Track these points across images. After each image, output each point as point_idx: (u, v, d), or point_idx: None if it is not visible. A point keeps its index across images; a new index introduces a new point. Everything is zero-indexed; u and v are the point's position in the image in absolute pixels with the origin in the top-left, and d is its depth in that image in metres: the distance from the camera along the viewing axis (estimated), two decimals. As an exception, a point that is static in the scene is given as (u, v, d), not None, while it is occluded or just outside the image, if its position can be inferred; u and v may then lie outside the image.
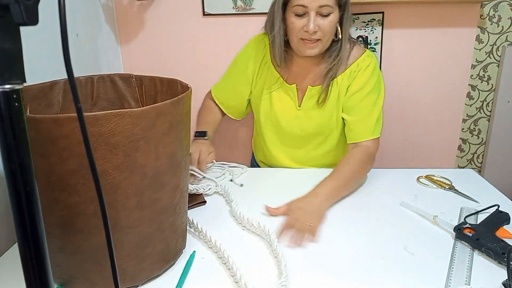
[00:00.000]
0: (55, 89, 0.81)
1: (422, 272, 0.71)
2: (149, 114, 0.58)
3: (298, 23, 1.03)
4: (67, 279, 0.66)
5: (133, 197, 0.61)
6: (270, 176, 1.14)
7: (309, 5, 0.99)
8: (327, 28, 1.02)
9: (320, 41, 1.05)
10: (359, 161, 1.04)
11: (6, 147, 0.34)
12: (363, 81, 1.09)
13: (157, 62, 1.75)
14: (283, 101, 1.17)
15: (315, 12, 1.00)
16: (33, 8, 0.32)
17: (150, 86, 0.87)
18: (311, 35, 1.02)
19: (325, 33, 1.03)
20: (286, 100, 1.17)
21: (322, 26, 1.01)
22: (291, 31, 1.05)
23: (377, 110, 1.10)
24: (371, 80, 1.10)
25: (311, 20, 1.00)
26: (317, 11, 1.00)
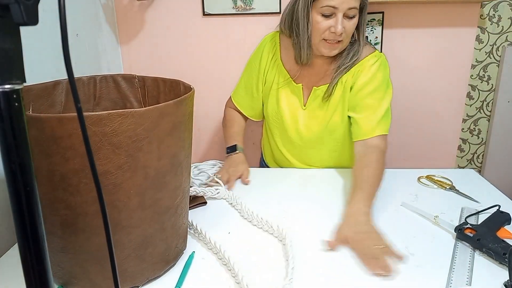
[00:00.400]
0: (58, 89, 0.81)
1: (423, 273, 0.71)
2: (152, 114, 0.58)
3: (324, 23, 1.01)
4: (68, 279, 0.66)
5: (135, 197, 0.61)
6: (273, 176, 1.14)
7: (339, 6, 0.98)
8: (351, 30, 1.03)
9: (341, 42, 1.05)
10: (377, 163, 1.01)
11: (6, 147, 0.33)
12: (367, 79, 1.08)
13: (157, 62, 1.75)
14: (289, 100, 1.17)
15: (342, 14, 0.99)
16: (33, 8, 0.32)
17: (153, 86, 0.87)
18: (336, 37, 1.02)
19: (348, 34, 1.04)
20: (293, 99, 1.17)
21: (347, 27, 1.02)
22: (316, 31, 1.04)
23: (384, 107, 1.08)
24: (376, 77, 1.09)
25: (339, 21, 0.99)
26: (345, 13, 1.00)
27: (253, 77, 1.23)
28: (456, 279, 0.68)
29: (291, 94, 1.17)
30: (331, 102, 1.13)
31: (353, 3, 0.99)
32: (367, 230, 0.82)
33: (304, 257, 0.76)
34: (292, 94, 1.17)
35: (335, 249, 0.79)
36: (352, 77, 1.10)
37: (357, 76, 1.10)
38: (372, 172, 0.98)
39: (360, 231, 0.82)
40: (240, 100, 1.28)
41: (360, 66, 1.10)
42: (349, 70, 1.10)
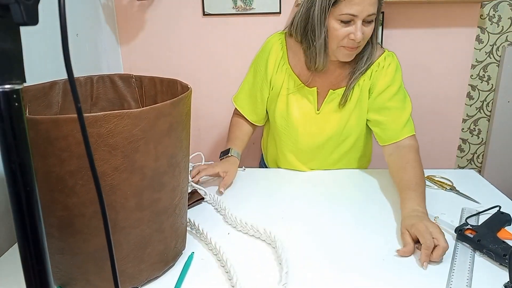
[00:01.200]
0: (54, 90, 0.81)
1: (423, 274, 0.71)
2: (148, 114, 0.58)
3: (343, 30, 0.98)
4: (66, 281, 0.66)
5: (133, 198, 0.61)
6: (269, 177, 1.14)
7: (359, 14, 0.96)
8: (369, 34, 1.01)
9: (359, 47, 1.03)
10: (415, 161, 1.01)
11: (6, 147, 0.33)
12: (388, 79, 1.08)
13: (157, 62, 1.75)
14: (301, 105, 1.13)
15: (361, 20, 0.97)
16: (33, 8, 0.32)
17: (150, 86, 0.87)
18: (355, 43, 1.00)
19: (366, 39, 1.02)
20: (305, 103, 1.13)
21: (366, 33, 1.00)
22: (333, 38, 1.01)
23: (409, 108, 1.09)
24: (397, 77, 1.09)
25: (358, 28, 0.97)
26: (363, 19, 0.97)
27: (258, 82, 1.18)
28: (456, 280, 0.68)
29: (303, 99, 1.13)
30: (347, 106, 1.11)
31: (372, 10, 0.96)
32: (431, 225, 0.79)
33: (299, 261, 0.75)
34: (304, 99, 1.13)
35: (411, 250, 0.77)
36: (369, 79, 1.09)
37: (375, 78, 1.08)
38: (415, 172, 0.98)
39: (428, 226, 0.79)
40: (244, 105, 1.24)
41: (376, 66, 1.08)
42: (364, 73, 1.08)
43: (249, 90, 1.21)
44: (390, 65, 1.08)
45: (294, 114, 1.14)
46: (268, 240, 0.81)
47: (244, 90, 1.23)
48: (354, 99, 1.11)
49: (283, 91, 1.14)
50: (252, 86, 1.20)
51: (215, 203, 0.96)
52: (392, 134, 1.07)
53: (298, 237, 0.82)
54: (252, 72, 1.20)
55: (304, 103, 1.13)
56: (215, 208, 0.95)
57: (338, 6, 0.96)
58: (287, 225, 0.87)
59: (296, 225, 0.87)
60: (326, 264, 0.74)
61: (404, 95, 1.10)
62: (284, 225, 0.87)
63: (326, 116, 1.13)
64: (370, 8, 0.96)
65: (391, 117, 1.08)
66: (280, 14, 1.69)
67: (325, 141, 1.16)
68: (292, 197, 1.00)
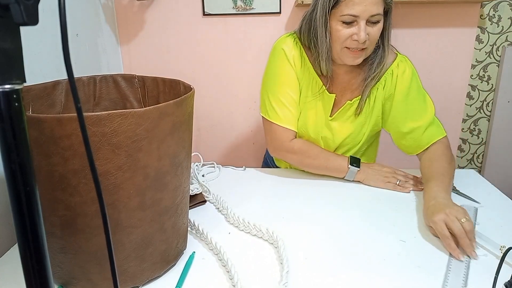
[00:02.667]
0: (57, 89, 0.81)
1: (423, 274, 0.71)
2: (152, 114, 0.58)
3: (345, 31, 0.95)
4: (67, 280, 0.66)
5: (135, 198, 0.61)
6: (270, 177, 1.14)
7: (361, 14, 0.93)
8: (375, 36, 0.97)
9: (365, 50, 0.99)
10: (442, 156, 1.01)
11: (6, 147, 0.33)
12: (406, 87, 1.04)
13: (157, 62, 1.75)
14: (316, 108, 1.10)
15: (365, 21, 0.94)
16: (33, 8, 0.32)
17: (153, 86, 0.87)
18: (360, 44, 0.96)
19: (372, 41, 0.98)
20: (319, 108, 1.10)
21: (371, 34, 0.96)
22: (336, 40, 0.98)
23: (431, 110, 1.06)
24: (413, 84, 1.05)
25: (361, 29, 0.93)
26: (367, 19, 0.94)
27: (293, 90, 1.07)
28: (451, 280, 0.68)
29: (319, 103, 1.09)
30: (360, 115, 1.09)
31: (375, 10, 0.93)
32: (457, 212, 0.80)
33: (299, 261, 0.75)
34: (320, 103, 1.09)
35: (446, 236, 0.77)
36: (382, 89, 1.06)
37: (389, 87, 1.05)
38: (440, 164, 0.98)
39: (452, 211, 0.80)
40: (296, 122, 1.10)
41: (390, 75, 1.05)
42: (378, 80, 1.05)
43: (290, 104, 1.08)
44: (405, 72, 1.05)
45: (308, 117, 1.10)
46: (270, 240, 0.81)
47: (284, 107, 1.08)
48: (367, 108, 1.08)
49: (308, 96, 1.09)
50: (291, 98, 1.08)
51: (217, 203, 0.96)
52: (428, 138, 1.04)
53: (298, 237, 0.82)
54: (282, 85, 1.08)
55: (319, 107, 1.10)
56: (217, 207, 0.95)
57: (339, 7, 0.93)
58: (288, 225, 0.87)
59: (297, 225, 0.87)
60: (327, 264, 0.74)
61: (423, 99, 1.06)
62: (285, 225, 0.87)
63: (339, 124, 1.10)
64: (372, 8, 0.92)
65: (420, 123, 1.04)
66: (280, 14, 1.69)
67: (336, 147, 1.14)
68: (293, 196, 1.00)
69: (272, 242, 0.80)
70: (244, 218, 0.87)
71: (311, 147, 1.09)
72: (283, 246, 0.77)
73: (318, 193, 1.02)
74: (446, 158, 1.00)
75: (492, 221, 0.87)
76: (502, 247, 0.76)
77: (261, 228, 0.82)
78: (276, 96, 1.08)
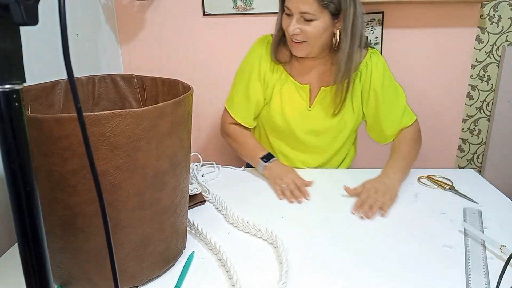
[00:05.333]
0: (56, 89, 0.81)
1: (422, 274, 0.71)
2: (150, 114, 0.58)
3: (284, 22, 1.05)
4: (67, 280, 0.66)
5: (134, 197, 0.61)
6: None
7: (292, 9, 1.01)
8: (310, 33, 1.02)
9: (306, 43, 1.05)
10: (411, 140, 1.13)
11: (6, 147, 0.33)
12: (381, 76, 1.11)
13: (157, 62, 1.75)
14: (293, 101, 1.15)
15: (299, 16, 1.01)
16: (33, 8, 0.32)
17: (152, 86, 0.87)
18: (293, 37, 1.04)
19: (308, 37, 1.03)
20: (297, 99, 1.15)
21: (304, 30, 1.02)
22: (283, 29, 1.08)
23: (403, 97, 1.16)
24: (387, 72, 1.13)
25: (292, 22, 1.02)
26: (301, 15, 1.01)
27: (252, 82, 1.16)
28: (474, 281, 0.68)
29: (296, 95, 1.15)
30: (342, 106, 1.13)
31: (305, 8, 0.98)
32: (383, 190, 0.96)
33: (298, 260, 0.75)
34: (297, 95, 1.15)
35: (353, 195, 0.98)
36: (359, 79, 1.12)
37: (365, 79, 1.11)
38: (408, 149, 1.10)
39: (376, 187, 0.96)
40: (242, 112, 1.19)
41: (365, 67, 1.11)
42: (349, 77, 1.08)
43: (242, 97, 1.17)
44: (378, 64, 1.12)
45: (287, 110, 1.16)
46: (270, 240, 0.81)
47: (236, 99, 1.18)
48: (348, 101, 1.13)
49: (276, 90, 1.16)
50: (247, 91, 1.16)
51: (216, 203, 0.96)
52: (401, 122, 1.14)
53: (297, 237, 0.82)
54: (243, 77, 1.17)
55: (297, 99, 1.15)
56: (216, 207, 0.95)
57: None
58: (287, 225, 0.87)
59: (296, 225, 0.87)
60: (326, 264, 0.74)
61: (396, 87, 1.15)
62: (284, 225, 0.87)
63: (318, 114, 1.15)
64: (301, 6, 0.98)
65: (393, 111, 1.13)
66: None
67: (316, 138, 1.18)
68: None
69: (271, 242, 0.80)
70: (243, 218, 0.87)
71: (242, 134, 1.20)
72: (282, 246, 0.77)
73: (317, 193, 1.02)
74: (412, 142, 1.13)
75: (492, 221, 0.87)
76: (502, 247, 0.76)
77: (260, 227, 0.82)
78: (235, 85, 1.20)
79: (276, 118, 1.17)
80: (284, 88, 1.15)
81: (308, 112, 1.15)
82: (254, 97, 1.16)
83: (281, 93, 1.15)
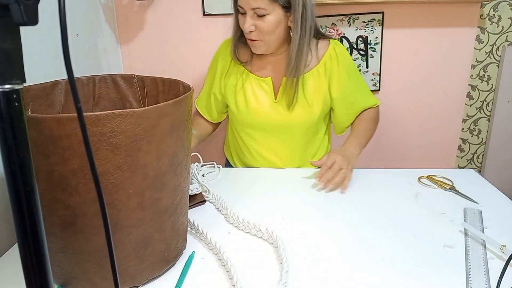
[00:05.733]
0: (57, 89, 0.81)
1: (422, 274, 0.71)
2: (151, 114, 0.58)
3: (241, 21, 1.07)
4: (67, 280, 0.66)
5: (134, 197, 0.61)
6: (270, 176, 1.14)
7: (243, 6, 1.02)
8: (264, 29, 1.04)
9: (261, 41, 1.07)
10: (370, 119, 1.22)
11: (6, 147, 0.33)
12: (346, 64, 1.17)
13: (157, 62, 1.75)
14: (258, 96, 1.18)
15: (252, 13, 1.02)
16: (33, 8, 0.32)
17: (152, 86, 0.87)
18: (249, 35, 1.06)
19: (263, 33, 1.05)
20: (261, 94, 1.18)
21: (259, 26, 1.04)
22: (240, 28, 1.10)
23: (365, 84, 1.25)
24: (350, 61, 1.20)
25: (246, 20, 1.04)
26: (254, 12, 1.02)
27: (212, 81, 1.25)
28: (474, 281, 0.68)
29: (259, 90, 1.18)
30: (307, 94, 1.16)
31: (256, 4, 1.00)
32: (346, 156, 1.05)
33: (299, 260, 0.75)
34: (260, 90, 1.18)
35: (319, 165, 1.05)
36: (324, 69, 1.15)
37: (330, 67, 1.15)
38: (366, 126, 1.20)
39: (339, 153, 1.06)
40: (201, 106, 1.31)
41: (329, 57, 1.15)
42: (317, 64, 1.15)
43: (205, 92, 1.29)
44: (343, 53, 1.17)
45: (253, 106, 1.18)
46: (270, 240, 0.81)
47: (201, 93, 1.31)
48: (311, 89, 1.15)
49: (239, 88, 1.19)
50: (208, 88, 1.28)
51: (216, 203, 0.96)
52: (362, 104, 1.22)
53: (298, 237, 0.82)
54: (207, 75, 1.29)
55: (261, 94, 1.18)
56: (217, 207, 0.95)
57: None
58: (288, 225, 0.87)
59: (297, 225, 0.87)
60: (327, 264, 0.74)
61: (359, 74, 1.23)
62: (285, 225, 0.87)
63: (285, 105, 1.17)
64: (252, 2, 1.00)
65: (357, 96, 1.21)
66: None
67: (289, 129, 1.20)
68: (293, 196, 1.01)
69: (271, 242, 0.80)
70: (243, 218, 0.87)
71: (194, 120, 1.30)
72: (283, 246, 0.77)
73: (317, 193, 1.02)
74: (372, 121, 1.22)
75: (492, 221, 0.87)
76: (502, 247, 0.76)
77: (260, 227, 0.82)
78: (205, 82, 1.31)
79: (245, 116, 1.20)
80: (246, 85, 1.18)
81: (275, 104, 1.17)
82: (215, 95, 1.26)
83: (244, 90, 1.18)
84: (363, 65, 1.67)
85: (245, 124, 1.22)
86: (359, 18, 1.60)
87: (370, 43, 1.64)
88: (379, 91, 1.72)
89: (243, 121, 1.22)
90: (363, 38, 1.63)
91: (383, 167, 1.15)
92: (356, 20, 1.61)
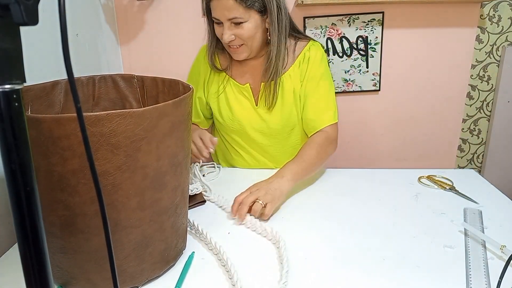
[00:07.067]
0: (56, 89, 0.81)
1: (422, 274, 0.71)
2: (151, 114, 0.58)
3: (217, 30, 1.08)
4: (67, 280, 0.66)
5: (134, 198, 0.61)
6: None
7: (220, 18, 1.03)
8: (244, 35, 1.05)
9: (244, 46, 1.08)
10: (320, 145, 1.09)
11: (6, 147, 0.33)
12: (315, 68, 1.14)
13: (157, 62, 1.75)
14: (240, 102, 1.19)
15: (229, 23, 1.03)
16: (33, 8, 0.32)
17: (152, 86, 0.87)
18: (230, 43, 1.07)
19: (243, 39, 1.06)
20: (243, 100, 1.19)
21: (238, 34, 1.05)
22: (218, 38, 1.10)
23: (332, 96, 1.16)
24: (321, 67, 1.15)
25: (224, 30, 1.04)
26: (231, 22, 1.03)
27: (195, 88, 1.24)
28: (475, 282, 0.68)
29: (240, 96, 1.18)
30: (285, 98, 1.15)
31: (231, 14, 1.01)
32: (270, 188, 0.91)
33: (299, 260, 0.75)
34: (241, 96, 1.18)
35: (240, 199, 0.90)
36: (298, 69, 1.14)
37: (303, 67, 1.14)
38: (312, 153, 1.05)
39: (262, 186, 0.92)
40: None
41: (303, 57, 1.14)
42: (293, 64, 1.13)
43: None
44: (316, 55, 1.14)
45: (237, 113, 1.19)
46: (273, 240, 0.81)
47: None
48: (289, 92, 1.15)
49: (220, 94, 1.20)
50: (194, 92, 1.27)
51: (219, 202, 0.96)
52: (314, 123, 1.14)
53: (298, 237, 0.82)
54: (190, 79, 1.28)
55: (243, 100, 1.19)
56: (220, 206, 0.96)
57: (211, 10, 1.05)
58: (288, 225, 0.87)
59: (297, 225, 0.87)
60: (327, 264, 0.74)
61: (328, 85, 1.16)
62: (285, 225, 0.87)
63: (266, 110, 1.17)
64: (227, 13, 1.01)
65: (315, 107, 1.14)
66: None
67: (272, 134, 1.20)
68: (293, 196, 1.00)
69: (274, 242, 0.80)
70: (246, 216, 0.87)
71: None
72: (284, 246, 0.77)
73: (317, 193, 1.02)
74: (319, 148, 1.08)
75: (492, 221, 0.87)
76: (502, 247, 0.76)
77: (265, 227, 0.83)
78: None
79: (229, 122, 1.21)
80: (227, 91, 1.19)
81: (256, 109, 1.18)
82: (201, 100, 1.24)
83: (227, 97, 1.19)
84: (363, 65, 1.67)
85: (230, 129, 1.23)
86: (359, 18, 1.60)
87: (370, 43, 1.64)
88: (379, 91, 1.72)
89: (227, 127, 1.23)
90: (363, 38, 1.63)
91: (383, 167, 1.15)
92: (356, 20, 1.60)
